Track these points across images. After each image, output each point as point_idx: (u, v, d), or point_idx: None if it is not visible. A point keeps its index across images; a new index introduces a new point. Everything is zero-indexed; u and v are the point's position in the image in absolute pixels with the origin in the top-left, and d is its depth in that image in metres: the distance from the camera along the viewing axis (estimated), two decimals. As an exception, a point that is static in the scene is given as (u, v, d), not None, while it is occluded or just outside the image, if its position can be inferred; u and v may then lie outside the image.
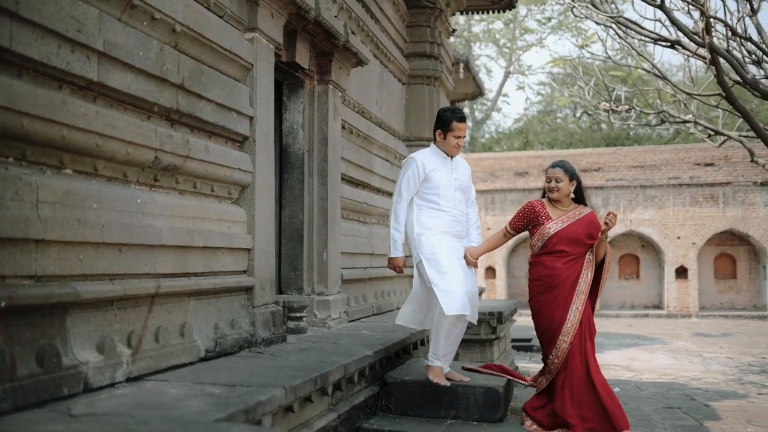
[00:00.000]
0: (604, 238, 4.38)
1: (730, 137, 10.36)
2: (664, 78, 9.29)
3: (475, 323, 4.58)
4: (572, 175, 4.47)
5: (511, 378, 4.74)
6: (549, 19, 29.16)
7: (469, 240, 4.56)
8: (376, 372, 4.45)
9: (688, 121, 10.58)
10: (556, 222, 4.39)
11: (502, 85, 31.09)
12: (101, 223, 2.93)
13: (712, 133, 10.70)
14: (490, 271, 22.57)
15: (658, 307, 22.49)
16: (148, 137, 3.27)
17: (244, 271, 4.22)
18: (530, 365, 11.92)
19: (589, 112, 11.18)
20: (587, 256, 4.41)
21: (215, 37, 3.88)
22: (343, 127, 6.18)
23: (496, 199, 22.63)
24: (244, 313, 4.16)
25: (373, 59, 7.21)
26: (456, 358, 5.09)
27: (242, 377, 3.14)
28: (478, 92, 15.12)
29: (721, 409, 8.44)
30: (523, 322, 22.24)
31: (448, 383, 4.33)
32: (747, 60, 8.71)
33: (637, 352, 13.75)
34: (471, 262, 4.44)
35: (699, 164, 21.40)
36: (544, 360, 4.44)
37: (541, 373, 4.55)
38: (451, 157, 4.52)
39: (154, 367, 3.19)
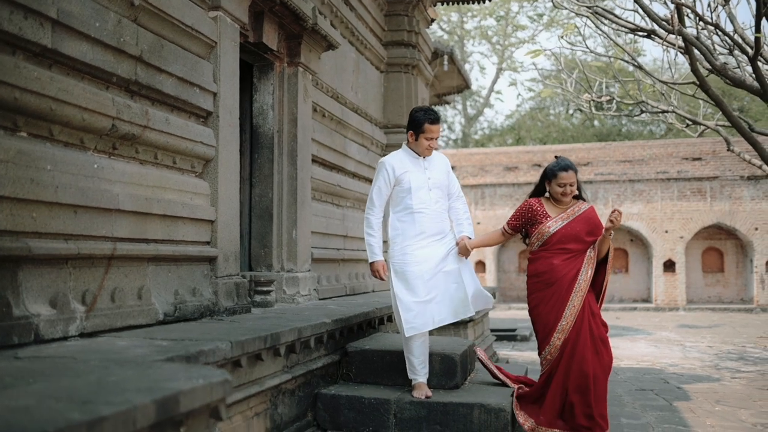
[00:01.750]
0: (608, 236, 4.27)
1: (707, 126, 10.50)
2: (639, 67, 9.42)
3: (473, 312, 4.40)
4: (577, 173, 4.39)
5: (503, 378, 4.68)
6: (541, 16, 29.31)
7: (460, 231, 4.50)
8: (336, 341, 4.58)
9: (666, 111, 10.72)
10: (555, 220, 4.31)
11: (494, 82, 31.23)
12: (55, 184, 3.05)
13: (690, 123, 10.84)
14: (480, 265, 22.70)
15: (647, 300, 22.66)
16: (105, 105, 3.40)
17: (207, 242, 4.35)
18: (512, 353, 12.06)
19: (581, 108, 11.29)
20: (588, 252, 4.32)
21: (176, 13, 4.00)
22: (315, 110, 6.31)
23: (486, 194, 22.76)
24: (207, 283, 4.29)
25: (348, 45, 7.34)
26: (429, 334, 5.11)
27: (194, 335, 3.27)
28: (465, 85, 15.24)
29: (693, 391, 8.59)
30: (512, 315, 22.46)
31: (431, 394, 4.26)
32: (721, 49, 8.84)
33: (619, 341, 13.89)
34: (464, 252, 4.40)
35: (687, 159, 21.56)
36: (540, 355, 4.39)
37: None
38: (424, 157, 4.43)
39: (108, 325, 3.31)
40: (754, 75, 7.50)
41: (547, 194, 4.41)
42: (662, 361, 11.32)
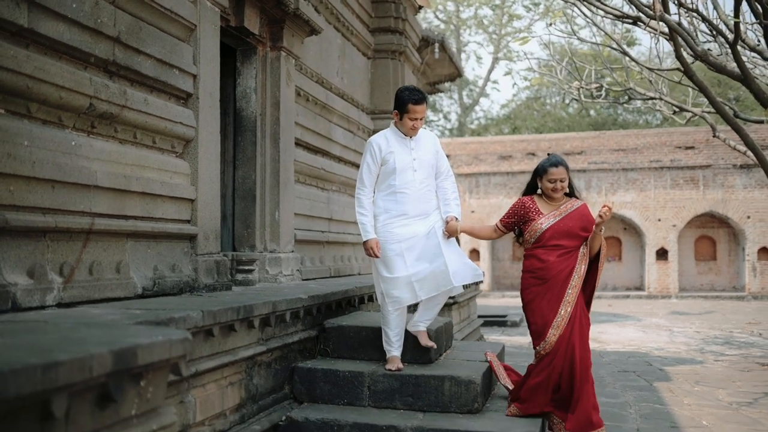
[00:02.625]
0: (599, 231, 4.28)
1: (694, 113, 10.60)
2: (626, 54, 9.52)
3: (455, 284, 4.38)
4: (569, 170, 4.41)
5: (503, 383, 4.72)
6: (537, 5, 29.32)
7: (447, 211, 4.52)
8: (314, 317, 4.70)
9: (653, 98, 10.83)
10: (547, 217, 4.34)
11: (490, 71, 31.27)
12: (32, 159, 3.16)
13: (677, 109, 10.94)
14: (474, 254, 22.83)
15: (639, 288, 22.81)
16: (82, 84, 3.50)
17: (188, 221, 4.46)
18: (501, 338, 12.20)
19: (575, 98, 11.39)
20: (581, 249, 4.34)
21: (155, -4, 4.10)
22: (299, 95, 6.41)
23: (480, 182, 22.86)
24: (187, 260, 4.40)
25: (334, 31, 7.43)
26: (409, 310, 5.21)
27: (169, 306, 3.39)
28: (457, 74, 15.28)
29: (674, 372, 8.74)
30: (505, 302, 22.58)
31: (402, 367, 4.38)
32: (706, 35, 8.92)
33: (608, 327, 14.05)
34: (452, 232, 4.43)
35: (680, 147, 21.66)
36: (534, 348, 4.39)
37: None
38: (410, 137, 4.47)
39: (86, 296, 3.43)
40: (734, 60, 7.59)
41: (539, 191, 4.45)
42: (648, 345, 11.47)
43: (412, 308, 5.85)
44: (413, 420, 4.02)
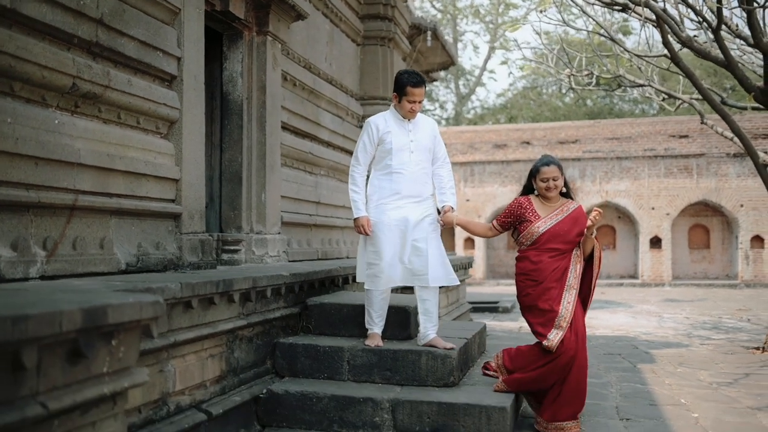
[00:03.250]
0: (590, 234, 4.32)
1: (682, 100, 10.69)
2: (612, 40, 9.59)
3: (457, 283, 4.64)
4: (562, 170, 4.45)
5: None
6: (533, -6, 29.31)
7: (443, 201, 4.59)
8: (296, 294, 4.82)
9: (642, 85, 10.91)
10: (545, 220, 4.35)
11: (486, 61, 31.29)
12: (15, 136, 3.26)
13: (666, 96, 11.03)
14: (470, 242, 22.95)
15: (633, 276, 22.95)
16: (65, 64, 3.60)
17: (172, 200, 4.56)
18: (492, 323, 12.33)
19: (572, 87, 11.47)
20: (575, 251, 4.37)
21: (138, -21, 4.19)
22: (286, 79, 6.50)
23: (475, 171, 22.95)
24: (171, 238, 4.51)
25: (322, 17, 7.51)
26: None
27: (151, 280, 3.49)
28: (450, 62, 15.34)
29: (659, 355, 8.87)
30: (500, 290, 22.70)
31: (382, 344, 4.47)
32: (695, 23, 8.99)
33: (599, 313, 14.19)
34: (448, 223, 4.51)
35: (674, 136, 21.75)
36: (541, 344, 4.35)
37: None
38: (409, 119, 4.55)
39: (70, 270, 3.54)
40: (718, 46, 7.68)
41: (536, 192, 4.48)
42: (636, 330, 11.61)
43: (399, 290, 5.98)
44: (390, 393, 4.14)
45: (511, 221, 4.49)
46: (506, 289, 19.54)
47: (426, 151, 4.56)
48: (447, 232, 23.08)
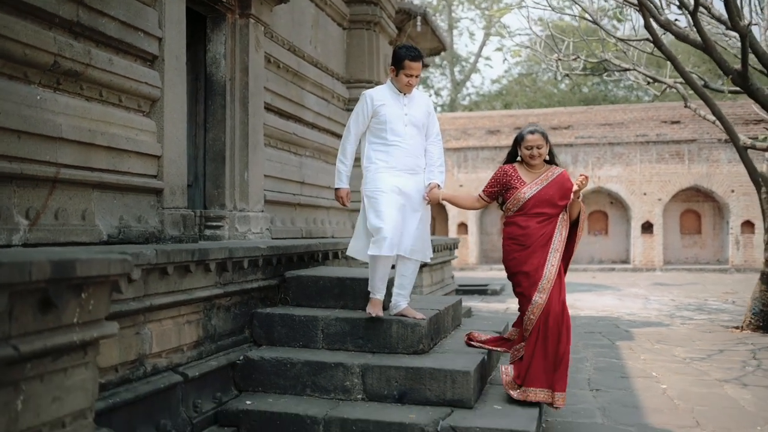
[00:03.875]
0: (576, 198, 4.40)
1: (667, 84, 10.84)
2: (597, 24, 9.74)
3: (428, 260, 4.77)
4: (547, 139, 4.54)
5: (494, 348, 4.88)
6: (528, -19, 29.34)
7: (430, 178, 4.66)
8: (274, 267, 5.00)
9: (627, 69, 11.06)
10: (530, 186, 4.46)
11: (481, 47, 31.37)
12: (-2, 110, 3.43)
13: (651, 80, 11.18)
14: (462, 227, 23.14)
15: (625, 261, 23.16)
16: (46, 43, 3.75)
17: (154, 176, 4.72)
18: (480, 304, 12.54)
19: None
20: (561, 215, 4.46)
21: (118, -39, 4.34)
22: (269, 61, 6.65)
23: (468, 157, 23.11)
24: (153, 213, 4.68)
25: (307, 1, 7.66)
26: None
27: (129, 249, 3.67)
28: (441, 47, 15.45)
29: (639, 333, 9.07)
30: (492, 275, 22.82)
31: (381, 314, 4.50)
32: (675, 6, 9.12)
33: (586, 296, 14.40)
34: (434, 199, 4.60)
35: (666, 122, 21.90)
36: (522, 317, 4.49)
37: (516, 327, 4.69)
38: (405, 94, 4.64)
39: (52, 239, 3.71)
40: (695, 29, 7.82)
41: (519, 159, 4.59)
42: (621, 311, 11.82)
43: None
44: (361, 359, 4.33)
45: (498, 190, 4.57)
46: (499, 274, 19.73)
47: (420, 126, 4.65)
48: (441, 216, 23.27)
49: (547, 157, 4.58)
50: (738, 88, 8.64)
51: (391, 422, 3.82)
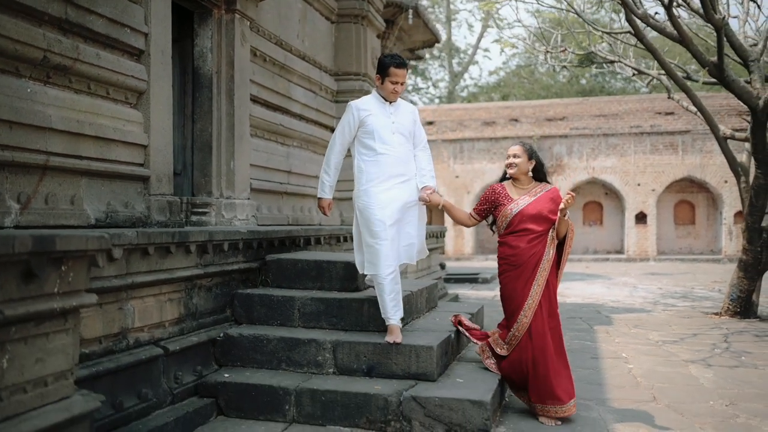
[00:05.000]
0: (563, 216, 4.46)
1: (651, 76, 11.07)
2: (580, 17, 9.96)
3: (414, 262, 4.86)
4: (531, 154, 4.62)
5: (474, 340, 5.03)
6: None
7: (423, 183, 4.69)
8: (255, 250, 5.28)
9: (613, 61, 11.29)
10: (517, 202, 4.56)
11: (479, 39, 31.54)
12: (-9, 102, 3.71)
13: (636, 72, 11.40)
14: (459, 218, 23.39)
15: (619, 252, 23.41)
16: (36, 39, 4.03)
17: (141, 164, 5.00)
18: (469, 292, 12.82)
19: (565, 65, 11.83)
20: (550, 233, 4.52)
21: (105, -39, 4.60)
22: (255, 55, 6.91)
23: (464, 148, 23.35)
24: (140, 199, 4.96)
25: (294, -4, 7.91)
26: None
27: (113, 231, 3.94)
28: (434, 39, 15.68)
29: (619, 319, 9.34)
30: (487, 264, 23.00)
31: (400, 340, 4.41)
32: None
33: (575, 284, 14.67)
34: (433, 202, 4.64)
35: (660, 113, 22.10)
36: (507, 332, 4.63)
37: (503, 339, 4.73)
38: (390, 102, 4.67)
39: (42, 222, 3.99)
40: (671, 22, 8.05)
41: (508, 177, 4.72)
42: (606, 298, 12.08)
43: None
44: (333, 336, 4.61)
45: (487, 207, 4.71)
46: (493, 264, 20.01)
47: (407, 134, 4.68)
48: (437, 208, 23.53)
49: (532, 174, 4.68)
50: (714, 80, 8.87)
51: (357, 393, 4.11)
